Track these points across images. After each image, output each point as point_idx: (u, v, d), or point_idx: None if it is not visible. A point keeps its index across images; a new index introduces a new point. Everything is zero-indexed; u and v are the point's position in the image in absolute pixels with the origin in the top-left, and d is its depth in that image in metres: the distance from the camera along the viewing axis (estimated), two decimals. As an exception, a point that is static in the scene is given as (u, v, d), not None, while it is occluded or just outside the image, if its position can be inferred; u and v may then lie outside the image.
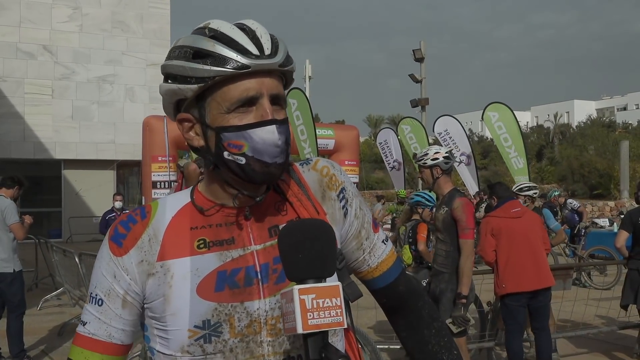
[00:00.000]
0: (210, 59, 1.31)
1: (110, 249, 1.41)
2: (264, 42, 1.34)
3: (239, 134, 1.33)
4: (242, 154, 1.33)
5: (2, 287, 6.99)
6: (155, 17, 25.04)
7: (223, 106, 1.33)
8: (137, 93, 24.23)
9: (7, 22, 22.63)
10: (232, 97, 1.32)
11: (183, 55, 1.34)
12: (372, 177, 47.92)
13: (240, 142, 1.33)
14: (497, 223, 5.87)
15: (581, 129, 58.26)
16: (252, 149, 1.33)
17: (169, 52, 1.38)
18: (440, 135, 18.13)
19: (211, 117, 1.36)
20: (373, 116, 76.91)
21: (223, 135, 1.34)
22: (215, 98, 1.34)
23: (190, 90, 1.34)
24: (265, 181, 1.39)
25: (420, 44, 24.65)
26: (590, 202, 30.68)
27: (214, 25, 1.36)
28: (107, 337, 1.41)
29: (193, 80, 1.32)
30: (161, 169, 15.58)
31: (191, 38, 1.36)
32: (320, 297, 1.17)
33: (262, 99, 1.34)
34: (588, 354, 7.31)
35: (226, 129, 1.34)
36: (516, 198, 6.85)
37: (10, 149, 22.69)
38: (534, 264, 5.80)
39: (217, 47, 1.31)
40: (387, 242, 1.62)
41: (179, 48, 1.36)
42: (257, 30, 1.36)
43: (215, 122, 1.35)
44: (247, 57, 1.31)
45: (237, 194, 1.41)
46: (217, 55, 1.31)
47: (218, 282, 1.37)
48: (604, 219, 19.14)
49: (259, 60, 1.32)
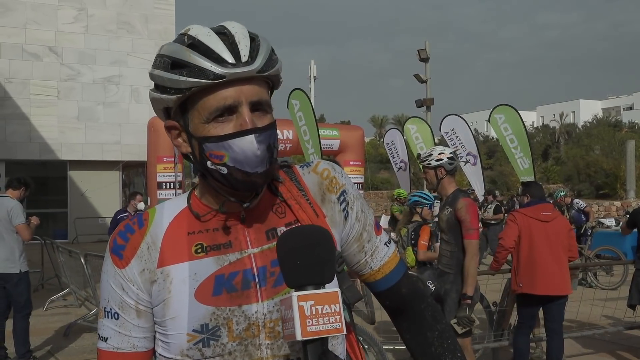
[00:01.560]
0: (186, 69, 1.31)
1: (113, 262, 1.42)
2: (241, 48, 1.32)
3: (219, 145, 1.32)
4: (224, 164, 1.33)
5: (8, 288, 7.02)
6: (160, 17, 25.06)
7: (203, 116, 1.33)
8: (142, 94, 24.25)
9: (13, 24, 22.70)
10: (210, 106, 1.32)
11: (163, 65, 1.34)
12: (377, 178, 47.90)
13: (220, 152, 1.32)
14: (524, 221, 5.87)
15: (587, 129, 58.07)
16: (232, 159, 1.32)
17: (154, 60, 1.38)
18: (446, 135, 18.08)
19: (193, 127, 1.36)
20: (378, 116, 76.87)
21: (205, 146, 1.34)
22: (196, 108, 1.34)
23: (171, 101, 1.35)
24: (249, 190, 1.38)
25: (425, 44, 24.64)
26: (596, 202, 30.61)
27: (192, 32, 1.35)
28: (131, 348, 1.42)
29: (172, 91, 1.33)
30: (166, 169, 15.58)
31: (172, 47, 1.35)
32: (319, 303, 1.17)
33: (241, 107, 1.32)
34: (594, 354, 7.29)
35: (207, 139, 1.33)
36: (550, 202, 6.83)
37: (16, 150, 22.75)
38: (552, 270, 5.79)
39: (192, 57, 1.31)
40: (389, 244, 1.62)
41: (160, 57, 1.36)
42: (236, 35, 1.33)
43: (197, 132, 1.35)
44: (223, 67, 1.29)
45: (224, 201, 1.41)
46: (192, 65, 1.30)
47: (216, 286, 1.37)
48: (610, 219, 19.09)
49: (235, 68, 1.30)
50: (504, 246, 5.96)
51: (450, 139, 17.57)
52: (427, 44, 24.71)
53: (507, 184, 39.01)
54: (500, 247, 6.09)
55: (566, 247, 5.95)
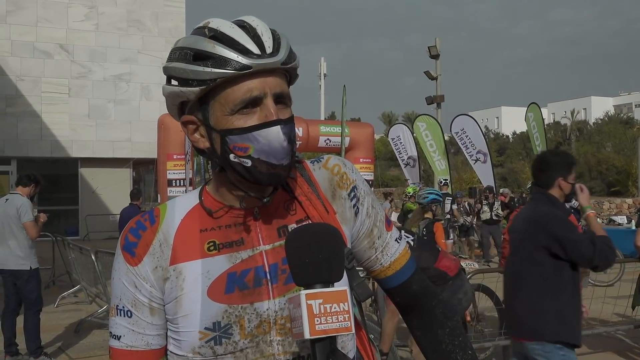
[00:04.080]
0: (210, 60, 1.29)
1: (125, 259, 1.40)
2: (265, 40, 1.31)
3: (244, 137, 1.31)
4: (248, 156, 1.31)
5: (18, 285, 7.05)
6: (171, 15, 25.11)
7: (226, 108, 1.31)
8: (152, 91, 24.31)
9: (24, 22, 22.80)
10: (235, 98, 1.30)
11: (183, 57, 1.32)
12: (387, 175, 47.80)
13: (245, 144, 1.31)
14: None
15: (598, 126, 57.68)
16: (257, 151, 1.31)
17: (170, 54, 1.36)
18: (457, 135, 18.20)
19: (215, 119, 1.34)
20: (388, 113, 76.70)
21: (228, 138, 1.32)
22: (218, 100, 1.32)
23: (192, 93, 1.32)
24: (272, 183, 1.37)
25: (435, 41, 24.58)
26: (608, 199, 30.43)
27: (213, 24, 1.33)
28: (145, 346, 1.41)
29: (195, 83, 1.30)
30: (176, 167, 15.66)
31: (191, 39, 1.33)
32: (328, 302, 1.16)
33: (265, 99, 1.31)
34: (604, 352, 7.26)
35: (231, 132, 1.32)
36: None
37: (28, 147, 22.87)
38: None
39: (217, 48, 1.29)
40: (400, 241, 1.60)
41: (179, 49, 1.34)
42: (257, 28, 1.33)
43: (219, 125, 1.33)
44: (248, 57, 1.28)
45: (244, 195, 1.39)
46: (217, 56, 1.28)
47: (228, 284, 1.36)
48: (622, 217, 19.01)
49: (260, 59, 1.29)
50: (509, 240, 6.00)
51: (461, 139, 17.65)
52: (437, 40, 24.65)
53: (517, 181, 38.86)
54: (505, 241, 6.14)
55: None
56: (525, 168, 40.14)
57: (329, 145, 19.28)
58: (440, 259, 5.33)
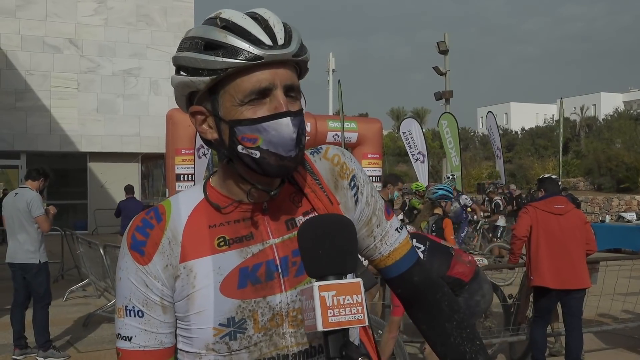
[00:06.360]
0: (222, 50, 1.28)
1: (134, 259, 1.37)
2: (276, 31, 1.30)
3: (253, 128, 1.30)
4: (257, 147, 1.31)
5: (27, 278, 7.08)
6: (179, 10, 25.15)
7: (236, 98, 1.30)
8: (161, 86, 24.37)
9: (34, 16, 22.89)
10: (245, 88, 1.29)
11: (194, 47, 1.31)
12: (395, 171, 47.74)
13: (254, 135, 1.30)
14: (536, 214, 5.87)
15: (608, 122, 57.33)
16: (266, 142, 1.30)
17: (180, 44, 1.35)
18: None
19: (224, 110, 1.33)
20: (396, 109, 76.55)
21: (237, 129, 1.31)
22: (227, 90, 1.31)
23: (203, 83, 1.31)
24: (280, 175, 1.36)
25: (444, 37, 24.50)
26: (617, 195, 30.29)
27: (225, 15, 1.33)
28: (159, 345, 1.39)
29: (205, 73, 1.29)
30: (185, 161, 15.65)
31: (202, 29, 1.32)
32: (341, 294, 1.15)
33: (275, 90, 1.31)
34: (614, 349, 7.23)
35: (240, 123, 1.31)
36: (563, 195, 6.82)
37: (37, 142, 22.98)
38: (565, 263, 5.74)
39: (229, 38, 1.28)
40: (401, 230, 1.59)
41: (190, 39, 1.33)
42: (269, 20, 1.32)
43: (228, 115, 1.32)
44: (260, 48, 1.27)
45: (250, 188, 1.38)
46: (229, 46, 1.28)
47: (240, 279, 1.36)
48: (631, 213, 18.91)
49: (272, 50, 1.28)
50: (517, 236, 6.03)
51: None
52: (446, 36, 24.56)
53: (526, 177, 38.72)
54: (513, 237, 6.15)
55: (582, 240, 5.89)
56: (534, 164, 39.98)
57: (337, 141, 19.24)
58: (453, 265, 5.19)
